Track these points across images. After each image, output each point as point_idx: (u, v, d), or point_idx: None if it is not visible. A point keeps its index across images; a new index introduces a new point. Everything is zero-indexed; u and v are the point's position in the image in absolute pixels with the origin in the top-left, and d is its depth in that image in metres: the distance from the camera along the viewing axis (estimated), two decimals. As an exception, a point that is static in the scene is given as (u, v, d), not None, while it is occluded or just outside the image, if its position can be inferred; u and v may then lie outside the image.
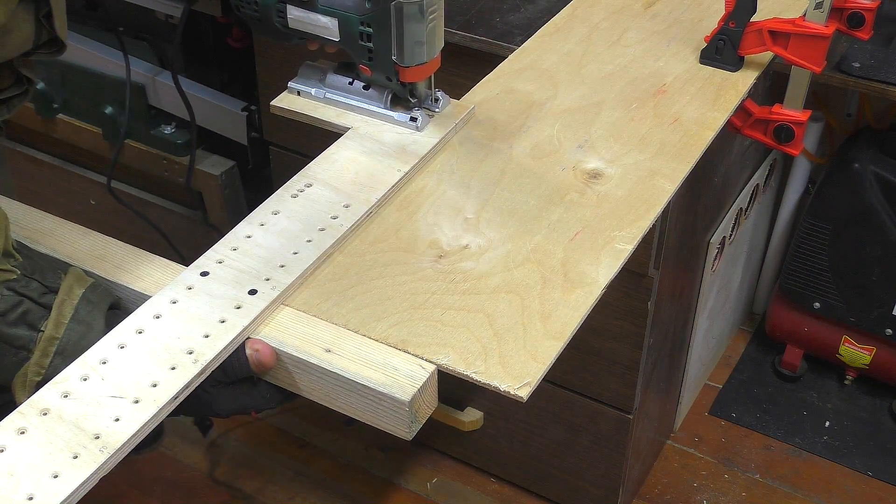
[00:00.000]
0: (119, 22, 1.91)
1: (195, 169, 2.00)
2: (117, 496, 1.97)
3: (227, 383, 0.90)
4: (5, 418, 0.81)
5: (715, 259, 1.87)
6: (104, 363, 0.86)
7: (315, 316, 0.93)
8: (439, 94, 1.18)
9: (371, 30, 1.10)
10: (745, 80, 1.30)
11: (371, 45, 1.11)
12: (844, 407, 2.16)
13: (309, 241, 1.00)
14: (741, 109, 1.33)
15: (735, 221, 1.91)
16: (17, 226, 1.01)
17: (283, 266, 0.97)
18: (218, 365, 0.88)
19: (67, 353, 0.87)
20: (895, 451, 2.06)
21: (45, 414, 0.82)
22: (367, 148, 1.14)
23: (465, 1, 1.61)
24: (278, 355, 0.90)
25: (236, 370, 0.90)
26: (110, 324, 0.90)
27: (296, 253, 0.98)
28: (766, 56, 1.32)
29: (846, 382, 2.17)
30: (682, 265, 1.73)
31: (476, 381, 0.88)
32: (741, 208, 1.93)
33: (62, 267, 0.93)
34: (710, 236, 1.82)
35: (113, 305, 0.93)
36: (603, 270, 0.99)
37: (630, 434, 1.75)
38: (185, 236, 2.12)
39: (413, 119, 1.16)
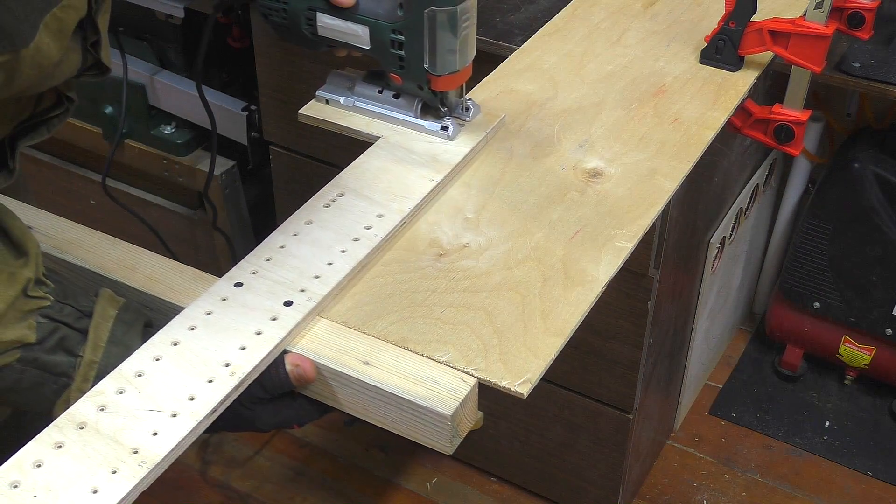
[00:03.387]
0: (119, 22, 1.92)
1: (195, 169, 2.01)
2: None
3: (267, 399, 0.89)
4: (42, 432, 0.79)
5: (715, 259, 1.87)
6: (140, 376, 0.84)
7: (352, 328, 0.92)
8: (470, 102, 1.17)
9: (403, 38, 1.08)
10: (745, 80, 1.30)
11: (402, 53, 1.09)
12: (844, 407, 2.16)
13: (343, 251, 0.98)
14: (741, 109, 1.33)
15: (735, 221, 1.92)
16: (44, 236, 0.99)
17: (317, 277, 0.95)
18: (255, 378, 0.87)
19: (106, 377, 0.85)
20: (895, 451, 2.06)
21: (81, 427, 0.80)
22: (398, 157, 1.12)
23: (465, 1, 1.61)
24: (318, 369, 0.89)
25: (276, 385, 0.88)
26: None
27: (330, 264, 0.97)
28: (766, 56, 1.32)
29: (846, 382, 2.17)
30: (682, 265, 1.73)
31: (476, 377, 0.87)
32: (741, 208, 1.93)
33: (92, 287, 0.92)
34: (710, 236, 1.82)
35: (146, 324, 0.92)
36: (603, 268, 1.00)
37: (630, 434, 1.75)
38: (185, 236, 2.12)
39: (444, 128, 1.14)
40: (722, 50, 1.30)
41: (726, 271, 2.02)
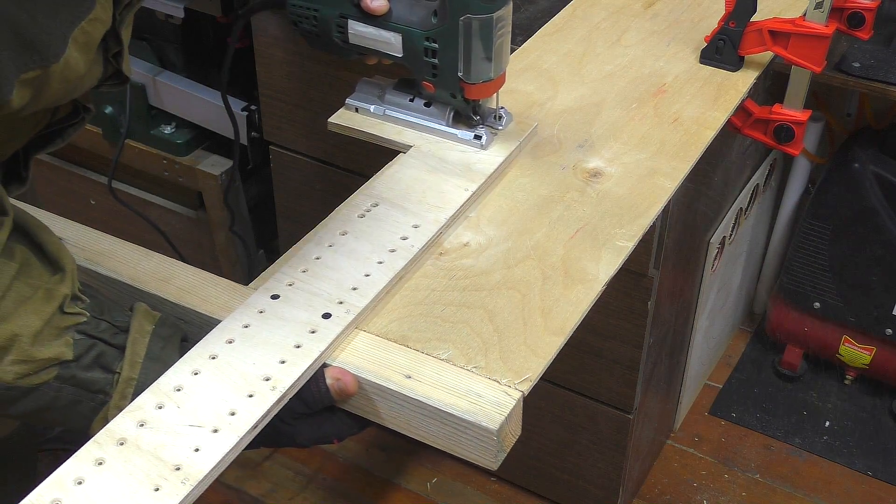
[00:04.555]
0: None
1: (195, 169, 2.01)
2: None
3: (307, 414, 0.87)
4: (81, 449, 0.78)
5: (715, 259, 1.87)
6: (179, 390, 0.83)
7: (391, 340, 0.91)
8: (502, 110, 1.15)
9: (436, 45, 1.07)
10: (745, 79, 1.30)
11: (436, 61, 1.08)
12: (844, 407, 2.16)
13: (380, 262, 0.97)
14: (741, 109, 1.33)
15: (735, 221, 1.92)
16: (76, 247, 0.97)
17: (355, 289, 0.94)
18: (296, 393, 0.85)
19: (144, 392, 0.84)
20: (895, 451, 2.06)
21: (121, 444, 0.78)
22: (431, 166, 1.11)
23: (465, 1, 1.61)
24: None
25: (317, 400, 0.87)
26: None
27: (367, 275, 0.95)
28: (766, 56, 1.33)
29: (846, 382, 2.17)
30: (682, 265, 1.73)
31: (476, 375, 0.87)
32: (741, 208, 1.93)
33: (125, 300, 0.91)
34: (710, 236, 1.82)
35: (183, 338, 0.90)
36: (603, 267, 1.00)
37: (630, 434, 1.75)
38: (185, 236, 2.12)
39: (477, 137, 1.13)
40: (722, 50, 1.31)
41: (726, 271, 2.02)
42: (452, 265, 1.00)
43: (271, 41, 1.76)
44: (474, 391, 0.85)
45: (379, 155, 1.17)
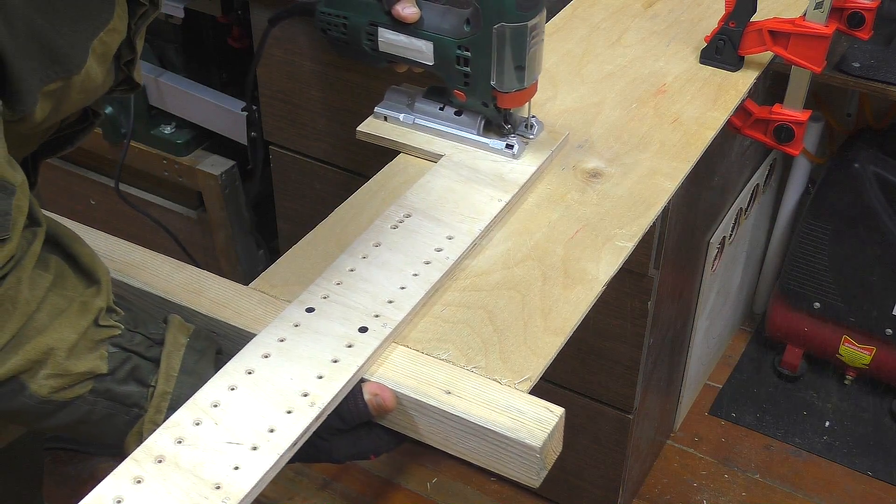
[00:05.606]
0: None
1: (195, 169, 2.01)
2: (117, 496, 1.97)
3: (344, 430, 0.86)
4: (119, 466, 0.77)
5: (715, 259, 1.87)
6: (216, 406, 0.81)
7: (429, 355, 0.90)
8: (534, 119, 1.14)
9: (469, 54, 1.06)
10: (745, 80, 1.30)
11: (468, 69, 1.07)
12: (844, 407, 2.16)
13: (415, 274, 0.95)
14: (741, 109, 1.33)
15: (735, 221, 1.92)
16: (107, 259, 0.96)
17: (391, 302, 0.92)
18: (334, 408, 0.84)
19: (180, 407, 0.82)
20: (895, 451, 2.06)
21: (160, 461, 0.77)
22: (463, 176, 1.10)
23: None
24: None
25: (355, 416, 0.85)
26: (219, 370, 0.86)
27: (403, 287, 0.94)
28: (766, 56, 1.32)
29: (846, 382, 2.17)
30: (682, 265, 1.73)
31: (476, 375, 0.87)
32: (741, 208, 1.93)
33: (160, 314, 0.90)
34: (710, 236, 1.82)
35: (217, 351, 0.89)
36: (603, 268, 1.00)
37: (630, 434, 1.75)
38: (184, 236, 2.12)
39: (509, 146, 1.12)
40: (722, 50, 1.31)
41: (726, 271, 2.02)
42: (453, 265, 1.00)
43: (271, 41, 1.76)
44: (515, 407, 0.84)
45: (379, 155, 1.17)
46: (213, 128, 1.98)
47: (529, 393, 0.86)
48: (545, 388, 0.89)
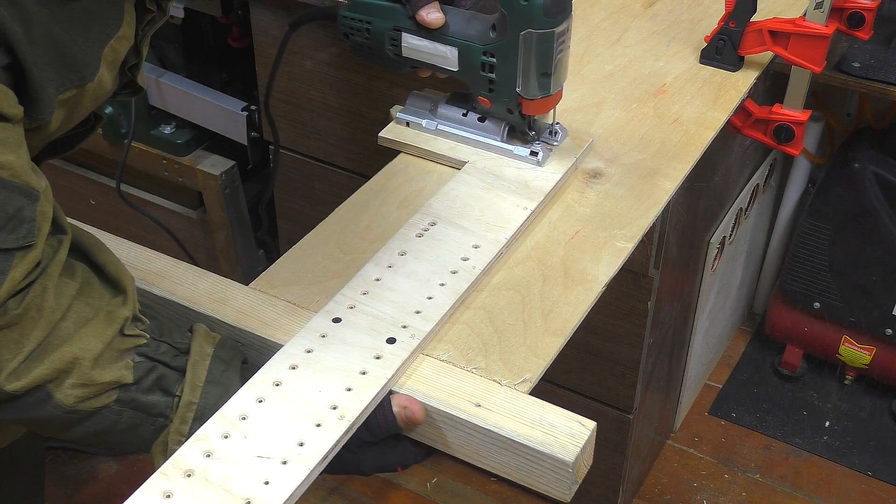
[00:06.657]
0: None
1: (195, 169, 2.01)
2: (117, 496, 1.97)
3: (372, 442, 0.85)
4: (148, 480, 0.76)
5: (715, 259, 1.87)
6: (244, 419, 0.80)
7: (458, 367, 0.89)
8: (558, 126, 1.13)
9: (494, 60, 1.05)
10: (745, 80, 1.30)
11: (493, 75, 1.06)
12: (844, 407, 2.16)
13: (442, 284, 0.94)
14: (741, 109, 1.33)
15: (735, 221, 1.92)
16: (130, 267, 0.94)
17: (418, 312, 0.91)
18: (363, 421, 0.83)
19: (206, 418, 0.82)
20: (895, 450, 2.06)
21: (189, 475, 0.76)
22: (487, 183, 1.09)
23: (465, 1, 1.61)
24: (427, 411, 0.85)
25: (383, 429, 0.84)
26: (245, 381, 0.85)
27: (430, 298, 0.93)
28: (766, 56, 1.32)
29: (846, 382, 2.17)
30: (682, 265, 1.73)
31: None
32: (741, 208, 1.93)
33: (185, 323, 0.89)
34: (710, 236, 1.82)
35: (242, 361, 0.88)
36: (603, 268, 1.00)
37: (630, 434, 1.75)
38: (184, 236, 2.12)
39: (534, 153, 1.11)
40: (722, 50, 1.31)
41: (726, 271, 2.02)
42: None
43: (271, 41, 1.76)
44: (547, 420, 0.83)
45: (379, 155, 1.17)
46: (214, 128, 1.98)
47: (529, 394, 0.86)
48: (545, 388, 0.89)
